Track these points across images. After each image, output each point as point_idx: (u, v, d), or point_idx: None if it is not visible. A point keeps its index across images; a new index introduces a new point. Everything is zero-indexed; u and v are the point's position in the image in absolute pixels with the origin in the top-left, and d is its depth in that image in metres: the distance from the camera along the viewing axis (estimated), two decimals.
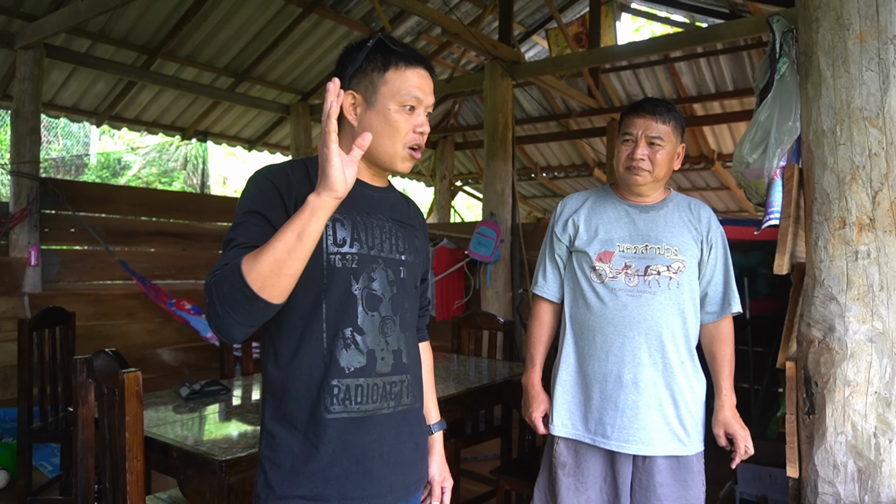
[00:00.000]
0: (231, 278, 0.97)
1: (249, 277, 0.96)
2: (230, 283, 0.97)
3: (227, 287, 0.97)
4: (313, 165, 1.18)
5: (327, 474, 1.13)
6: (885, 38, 1.49)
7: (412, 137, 1.18)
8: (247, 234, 1.07)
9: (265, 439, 1.17)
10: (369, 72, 1.17)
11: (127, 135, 10.16)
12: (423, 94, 1.18)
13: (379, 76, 1.17)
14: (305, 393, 1.13)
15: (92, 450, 1.77)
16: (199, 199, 6.44)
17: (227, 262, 1.01)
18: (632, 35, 9.84)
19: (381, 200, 1.24)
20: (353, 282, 1.15)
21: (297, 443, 1.13)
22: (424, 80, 1.19)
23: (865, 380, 1.49)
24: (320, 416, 1.12)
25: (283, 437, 1.14)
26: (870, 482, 1.49)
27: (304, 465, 1.13)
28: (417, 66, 1.18)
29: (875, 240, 1.49)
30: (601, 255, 1.73)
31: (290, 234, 0.97)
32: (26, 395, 2.65)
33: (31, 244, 4.17)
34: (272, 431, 1.15)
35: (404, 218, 1.29)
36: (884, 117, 1.49)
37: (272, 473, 1.14)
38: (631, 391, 1.68)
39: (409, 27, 5.98)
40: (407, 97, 1.16)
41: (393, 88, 1.16)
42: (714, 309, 1.78)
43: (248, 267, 0.96)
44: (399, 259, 1.23)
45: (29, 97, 4.23)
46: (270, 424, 1.16)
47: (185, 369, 4.81)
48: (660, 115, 1.69)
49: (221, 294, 0.98)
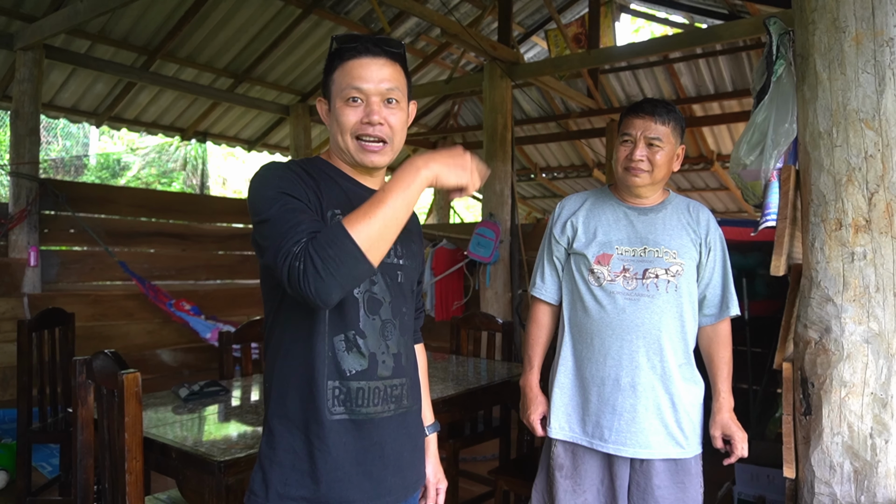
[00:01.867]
0: (338, 241, 0.97)
1: (359, 239, 0.97)
2: (337, 245, 0.97)
3: (333, 249, 0.96)
4: (311, 166, 1.19)
5: (329, 476, 1.13)
6: (881, 40, 1.49)
7: (359, 128, 1.16)
8: (299, 209, 1.06)
9: (266, 436, 1.17)
10: (326, 77, 1.21)
11: (126, 135, 10.16)
12: (366, 83, 1.15)
13: (330, 79, 1.20)
14: (308, 394, 1.13)
15: (91, 450, 1.78)
16: (198, 200, 6.44)
17: (312, 230, 1.00)
18: (631, 36, 9.85)
19: None
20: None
21: (299, 442, 1.13)
22: (368, 68, 1.15)
23: (861, 381, 1.50)
24: (323, 417, 1.12)
25: (284, 435, 1.14)
26: (866, 483, 1.49)
27: (304, 466, 1.13)
28: (361, 56, 1.16)
29: (871, 241, 1.50)
30: (599, 258, 1.73)
31: (400, 201, 1.01)
32: (26, 396, 2.66)
33: (31, 245, 4.18)
34: (273, 429, 1.16)
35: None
36: (880, 119, 1.49)
37: (271, 472, 1.14)
38: (629, 394, 1.68)
39: (409, 28, 5.99)
40: (347, 90, 1.16)
41: (338, 86, 1.18)
42: (712, 311, 1.78)
43: (356, 230, 0.97)
44: (398, 264, 1.24)
45: (28, 98, 4.23)
46: (273, 421, 1.16)
47: (184, 370, 4.81)
48: (659, 115, 1.69)
49: (326, 256, 0.96)
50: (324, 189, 1.16)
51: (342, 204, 1.16)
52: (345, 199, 1.17)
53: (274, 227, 1.04)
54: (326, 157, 1.25)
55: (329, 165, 1.23)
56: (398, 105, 1.19)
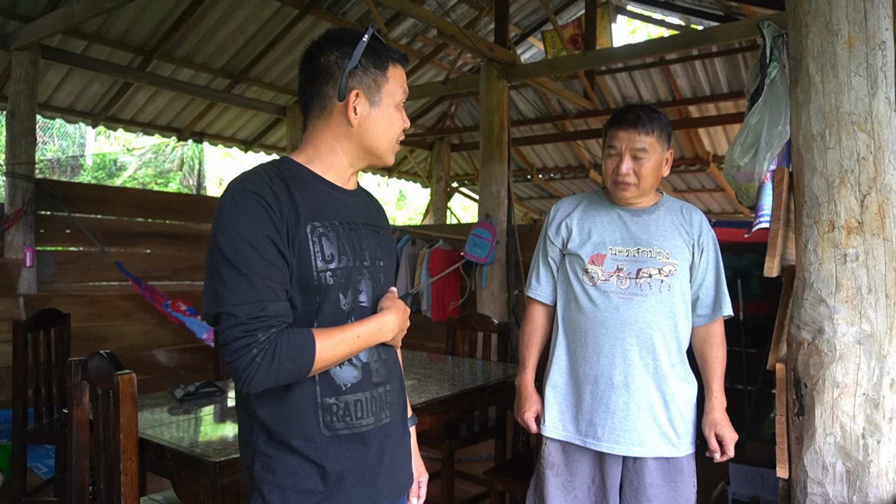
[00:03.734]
0: (301, 359, 1.03)
1: (316, 366, 1.06)
2: (299, 363, 1.03)
3: (292, 364, 1.02)
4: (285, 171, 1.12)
5: (333, 491, 1.11)
6: (873, 43, 1.50)
7: (400, 134, 1.22)
8: (270, 280, 1.03)
9: (260, 461, 1.11)
10: (371, 69, 1.14)
11: (123, 136, 10.15)
12: (406, 92, 1.22)
13: (381, 75, 1.15)
14: (306, 415, 1.09)
15: (86, 451, 1.78)
16: (195, 201, 6.44)
17: (279, 315, 1.03)
18: (627, 37, 9.88)
19: (356, 205, 1.21)
20: (342, 297, 1.12)
21: (300, 463, 1.09)
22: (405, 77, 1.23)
23: (854, 381, 1.51)
24: (323, 435, 1.10)
25: (282, 458, 1.10)
26: (858, 483, 1.50)
27: (308, 485, 1.10)
28: (404, 64, 1.22)
29: (863, 243, 1.51)
30: (594, 258, 1.74)
31: (361, 348, 1.12)
32: (21, 397, 2.65)
33: (27, 245, 4.17)
34: (269, 453, 1.10)
35: (375, 221, 1.26)
36: (872, 121, 1.50)
37: (272, 495, 1.09)
38: (622, 393, 1.69)
39: (406, 29, 6.00)
40: (403, 96, 1.20)
41: (393, 87, 1.17)
42: (705, 312, 1.79)
43: (319, 359, 1.05)
44: (379, 266, 1.22)
45: (24, 98, 4.22)
46: (266, 447, 1.11)
47: (180, 371, 4.81)
48: (642, 126, 1.68)
49: (283, 367, 1.01)
50: (298, 197, 1.09)
51: (330, 216, 1.13)
52: (323, 206, 1.13)
53: (237, 288, 1.01)
54: (299, 160, 1.16)
55: (303, 169, 1.15)
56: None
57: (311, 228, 1.09)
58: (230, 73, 5.73)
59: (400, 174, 8.83)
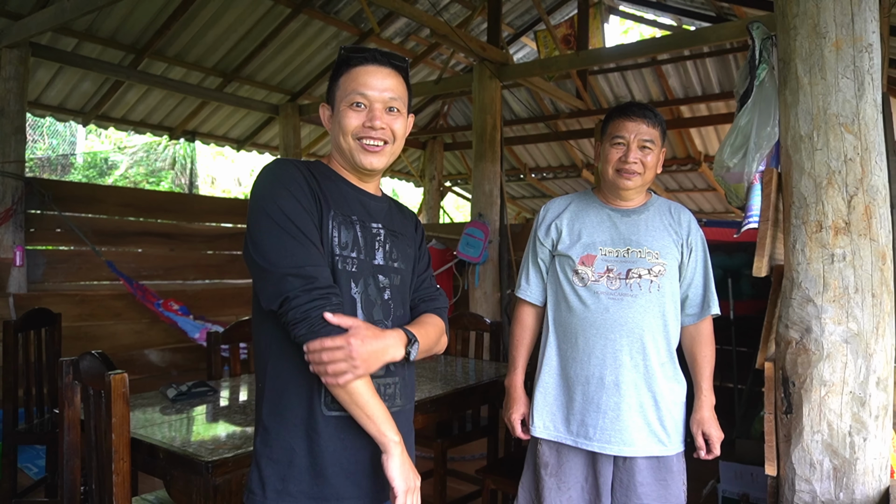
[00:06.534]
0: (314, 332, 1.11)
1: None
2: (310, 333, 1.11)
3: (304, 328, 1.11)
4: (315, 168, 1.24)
5: (327, 472, 1.14)
6: (860, 45, 1.52)
7: (360, 131, 1.21)
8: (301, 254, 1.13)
9: (261, 434, 1.18)
10: (334, 82, 1.25)
11: (114, 134, 10.09)
12: (370, 90, 1.20)
13: (335, 84, 1.24)
14: (306, 390, 1.15)
15: (78, 451, 1.77)
16: (187, 200, 6.40)
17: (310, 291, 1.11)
18: (620, 37, 9.91)
19: (377, 209, 1.29)
20: (353, 285, 1.19)
21: (296, 439, 1.15)
22: (374, 76, 1.21)
23: (841, 380, 1.53)
24: (319, 414, 1.14)
25: (279, 432, 1.15)
26: (845, 480, 1.52)
27: (302, 462, 1.14)
28: (368, 63, 1.22)
29: (850, 243, 1.53)
30: (584, 259, 1.75)
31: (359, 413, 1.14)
32: (11, 397, 2.64)
33: (16, 244, 4.14)
34: (268, 426, 1.17)
35: (397, 227, 1.32)
36: (859, 123, 1.52)
37: (267, 469, 1.15)
38: (612, 393, 1.70)
39: (398, 28, 5.99)
40: (352, 95, 1.21)
41: (343, 91, 1.22)
42: (694, 311, 1.81)
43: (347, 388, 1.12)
44: (392, 266, 1.27)
45: (14, 96, 4.19)
46: (267, 419, 1.17)
47: (172, 370, 4.79)
48: (649, 119, 1.72)
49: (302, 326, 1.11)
50: (326, 190, 1.21)
51: (348, 211, 1.22)
52: (344, 202, 1.23)
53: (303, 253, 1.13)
54: (327, 162, 1.30)
55: (330, 169, 1.28)
56: (399, 114, 1.25)
57: (332, 215, 1.19)
58: (222, 72, 5.71)
59: (393, 173, 8.83)
